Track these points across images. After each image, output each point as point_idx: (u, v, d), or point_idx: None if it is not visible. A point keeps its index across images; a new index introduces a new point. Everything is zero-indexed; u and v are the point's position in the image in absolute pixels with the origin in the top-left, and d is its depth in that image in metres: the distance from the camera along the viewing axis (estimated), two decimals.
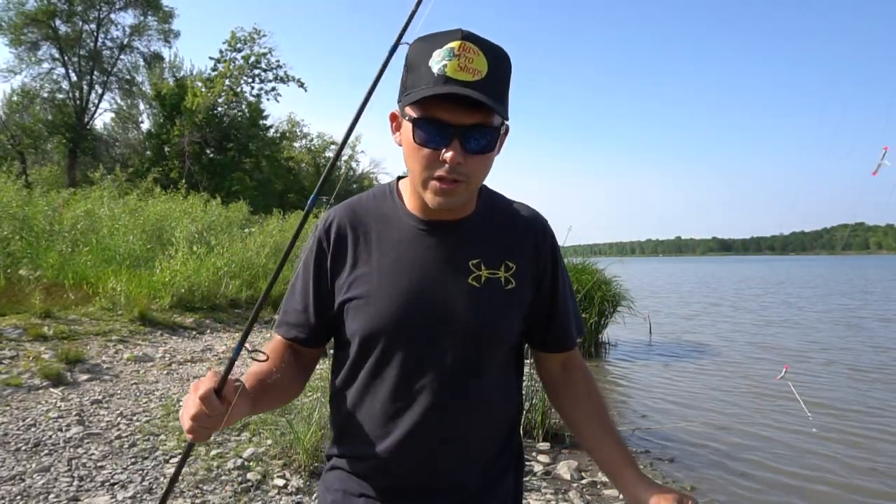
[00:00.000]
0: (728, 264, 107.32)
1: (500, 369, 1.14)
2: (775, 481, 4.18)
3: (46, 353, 5.53)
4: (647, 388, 7.06)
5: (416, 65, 0.99)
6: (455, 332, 1.07)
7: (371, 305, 1.08)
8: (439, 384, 1.07)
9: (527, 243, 1.16)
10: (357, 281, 1.10)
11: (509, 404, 1.18)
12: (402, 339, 1.07)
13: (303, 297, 1.14)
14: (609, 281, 9.33)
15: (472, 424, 1.11)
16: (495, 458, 1.15)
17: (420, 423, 1.07)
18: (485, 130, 0.99)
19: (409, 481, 1.10)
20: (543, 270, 1.17)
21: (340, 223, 1.14)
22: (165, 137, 24.94)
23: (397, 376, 1.08)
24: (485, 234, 1.13)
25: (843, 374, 7.71)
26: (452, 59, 0.95)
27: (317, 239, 1.14)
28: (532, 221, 1.19)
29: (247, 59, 25.67)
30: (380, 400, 1.09)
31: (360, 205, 1.17)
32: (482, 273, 1.10)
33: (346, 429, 1.15)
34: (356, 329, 1.09)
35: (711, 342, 10.65)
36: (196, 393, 0.88)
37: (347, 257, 1.12)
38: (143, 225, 10.99)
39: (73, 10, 24.97)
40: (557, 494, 3.63)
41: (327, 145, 34.25)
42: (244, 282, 9.77)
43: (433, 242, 1.10)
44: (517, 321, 1.14)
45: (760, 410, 6.01)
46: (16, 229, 9.00)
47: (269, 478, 3.48)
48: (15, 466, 3.41)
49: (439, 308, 1.07)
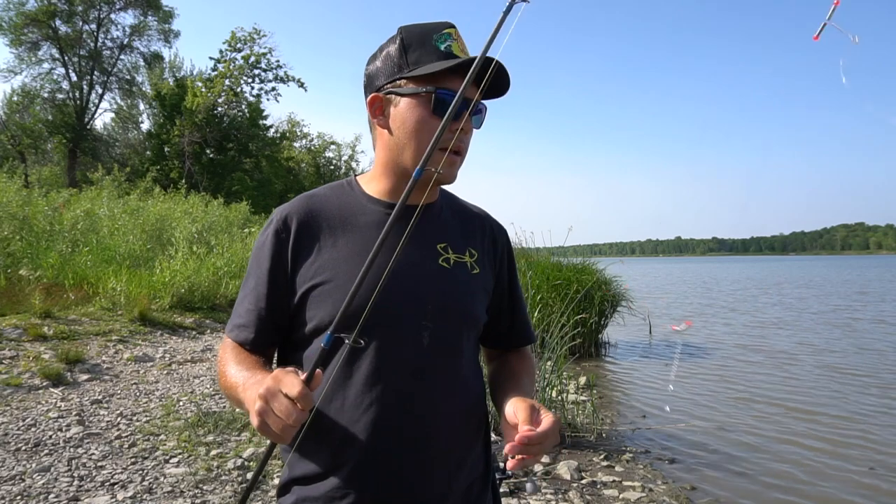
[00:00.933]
0: (728, 264, 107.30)
1: (473, 352, 1.14)
2: (775, 481, 4.18)
3: (46, 353, 5.53)
4: (647, 388, 7.06)
5: (417, 44, 1.04)
6: (432, 312, 1.05)
7: (339, 289, 1.01)
8: (417, 366, 1.03)
9: (485, 235, 1.19)
10: (323, 267, 1.04)
11: (478, 394, 1.15)
12: (381, 321, 0.99)
13: (254, 294, 1.08)
14: (609, 281, 9.33)
15: (454, 405, 1.07)
16: (472, 468, 1.11)
17: (400, 406, 1.02)
18: (484, 107, 1.08)
19: (388, 488, 1.02)
20: (501, 263, 1.21)
21: (300, 213, 1.09)
22: (165, 137, 24.95)
23: (374, 360, 1.01)
24: (448, 221, 1.16)
25: (843, 374, 7.72)
26: (454, 42, 1.03)
27: (273, 231, 1.08)
28: (486, 217, 1.24)
29: (247, 60, 25.66)
30: (354, 388, 1.01)
31: (316, 197, 1.13)
32: (451, 256, 1.11)
33: (311, 436, 0.94)
34: (324, 315, 1.02)
35: (711, 342, 10.65)
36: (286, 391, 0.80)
37: (311, 246, 1.06)
38: (143, 225, 11.00)
39: (74, 10, 24.98)
40: (557, 494, 3.63)
41: (327, 145, 34.26)
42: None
43: (402, 226, 0.99)
44: (483, 304, 1.15)
45: (760, 410, 6.01)
46: (16, 229, 9.01)
47: (269, 478, 3.49)
48: (15, 466, 3.41)
49: (414, 289, 1.05)
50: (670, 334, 11.50)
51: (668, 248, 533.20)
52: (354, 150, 34.81)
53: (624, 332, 10.20)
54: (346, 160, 35.02)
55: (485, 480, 1.16)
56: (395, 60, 1.05)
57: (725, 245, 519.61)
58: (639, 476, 4.04)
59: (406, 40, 1.04)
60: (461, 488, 1.08)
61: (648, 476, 4.06)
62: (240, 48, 25.58)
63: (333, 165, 34.85)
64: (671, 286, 30.33)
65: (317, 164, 33.46)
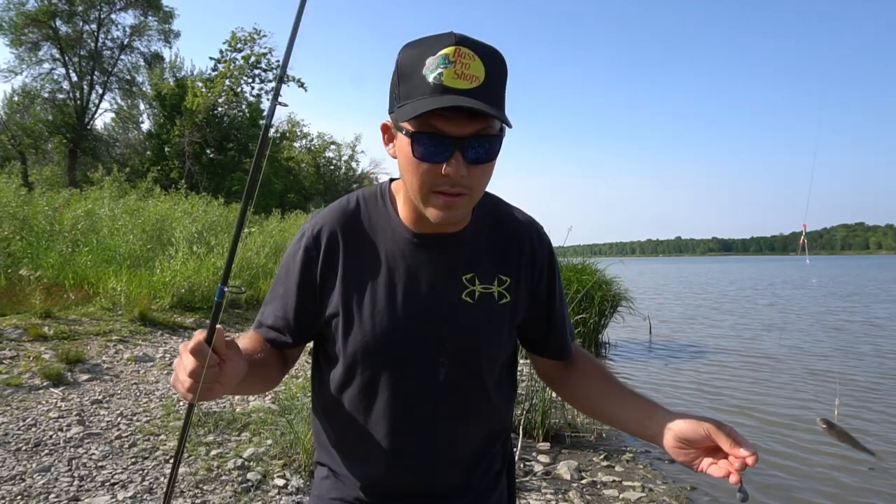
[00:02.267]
0: (729, 264, 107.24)
1: (495, 385, 1.13)
2: (775, 481, 4.18)
3: (47, 353, 5.54)
4: (647, 387, 7.06)
5: (409, 74, 0.92)
6: (449, 351, 1.05)
7: (362, 323, 1.04)
8: (434, 403, 1.06)
9: (523, 251, 1.13)
10: (347, 296, 1.06)
11: (503, 415, 1.17)
12: (395, 358, 1.05)
13: (283, 303, 1.09)
14: (609, 281, 9.34)
15: (468, 440, 1.11)
16: (489, 467, 1.15)
17: (415, 441, 1.07)
18: (485, 139, 0.93)
19: (404, 491, 1.10)
20: (539, 276, 1.14)
21: (331, 231, 1.08)
22: (166, 137, 24.97)
23: (391, 395, 1.06)
24: (479, 248, 1.10)
25: (843, 375, 7.72)
26: (448, 67, 0.89)
27: (304, 247, 1.08)
28: (528, 228, 1.15)
29: (247, 60, 25.67)
30: (373, 419, 1.07)
31: (350, 211, 1.11)
32: (476, 288, 1.07)
33: (336, 444, 1.14)
34: (346, 347, 1.06)
35: (711, 343, 10.65)
36: (186, 349, 0.83)
37: (338, 269, 1.07)
38: (143, 225, 10.99)
39: (74, 11, 25.00)
40: (557, 494, 3.63)
41: (327, 145, 34.29)
42: (244, 282, 9.77)
43: (427, 258, 1.06)
44: (511, 336, 1.13)
45: (760, 410, 6.01)
46: (16, 229, 9.01)
47: (270, 478, 3.49)
48: (15, 466, 3.41)
49: (433, 326, 1.05)
50: (670, 334, 11.48)
51: (668, 248, 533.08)
52: (354, 150, 34.86)
53: (624, 332, 10.20)
54: (346, 160, 35.07)
55: (498, 474, 1.18)
56: (393, 90, 0.97)
57: (725, 245, 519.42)
58: (639, 476, 4.04)
59: (400, 68, 0.94)
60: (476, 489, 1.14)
61: (648, 476, 4.06)
62: (240, 48, 25.59)
63: (333, 165, 34.87)
64: (672, 286, 30.32)
65: (317, 164, 33.48)
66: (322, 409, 1.15)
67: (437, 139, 0.91)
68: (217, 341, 0.84)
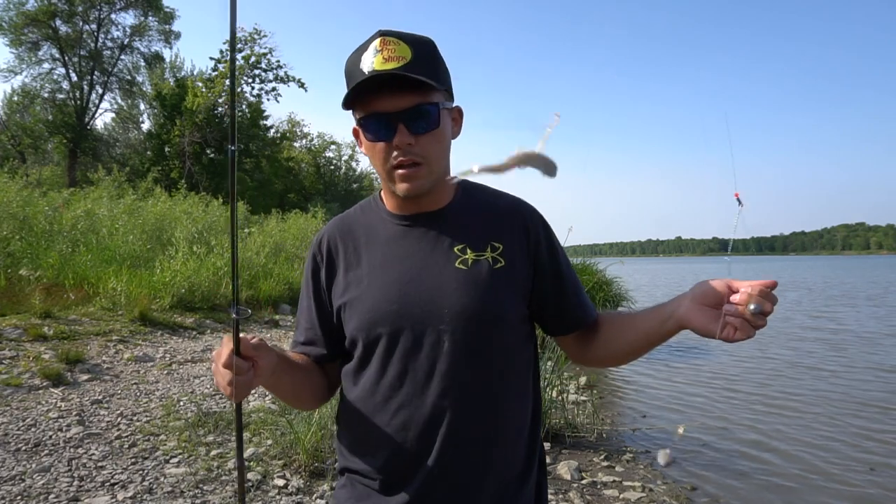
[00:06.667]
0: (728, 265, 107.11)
1: (504, 357, 1.10)
2: (776, 481, 4.18)
3: (46, 354, 5.53)
4: (647, 388, 7.06)
5: (350, 73, 1.05)
6: (450, 317, 1.06)
7: (364, 302, 1.11)
8: (441, 372, 1.06)
9: (514, 223, 1.15)
10: (350, 284, 1.14)
11: (521, 400, 1.14)
12: (399, 330, 1.08)
13: (308, 315, 1.21)
14: (610, 281, 9.33)
15: (480, 414, 1.07)
16: (512, 460, 1.11)
17: (429, 412, 1.06)
18: (425, 108, 1.03)
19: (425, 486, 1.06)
20: (538, 247, 1.15)
21: (331, 236, 1.20)
22: (166, 137, 24.95)
23: (400, 369, 1.08)
24: (466, 220, 1.14)
25: (842, 375, 7.72)
26: (377, 55, 1.01)
27: (311, 256, 1.21)
28: (517, 203, 1.19)
29: (247, 60, 25.64)
30: (383, 393, 1.09)
31: (348, 218, 1.23)
32: (468, 256, 1.10)
33: (353, 441, 1.15)
34: (353, 328, 1.12)
35: (711, 343, 10.63)
36: (220, 362, 0.97)
37: (339, 266, 1.17)
38: (143, 225, 10.99)
39: (74, 11, 24.99)
40: (557, 494, 3.63)
41: (327, 145, 34.28)
42: (244, 282, 9.78)
43: (417, 235, 1.13)
44: (511, 298, 1.11)
45: (760, 410, 6.01)
46: (16, 229, 9.01)
47: (270, 478, 3.49)
48: (15, 466, 3.41)
49: (430, 295, 1.08)
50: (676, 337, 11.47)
51: (669, 248, 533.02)
52: (354, 150, 34.80)
53: None
54: (346, 160, 35.07)
55: (522, 479, 1.13)
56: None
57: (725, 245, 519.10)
58: (639, 476, 4.04)
59: (345, 73, 1.07)
60: (490, 489, 1.08)
61: (648, 476, 4.06)
62: (240, 48, 25.58)
63: (333, 165, 34.88)
64: (666, 287, 30.32)
65: (317, 164, 33.48)
66: (343, 410, 1.18)
67: (379, 117, 1.03)
68: (244, 350, 0.98)
